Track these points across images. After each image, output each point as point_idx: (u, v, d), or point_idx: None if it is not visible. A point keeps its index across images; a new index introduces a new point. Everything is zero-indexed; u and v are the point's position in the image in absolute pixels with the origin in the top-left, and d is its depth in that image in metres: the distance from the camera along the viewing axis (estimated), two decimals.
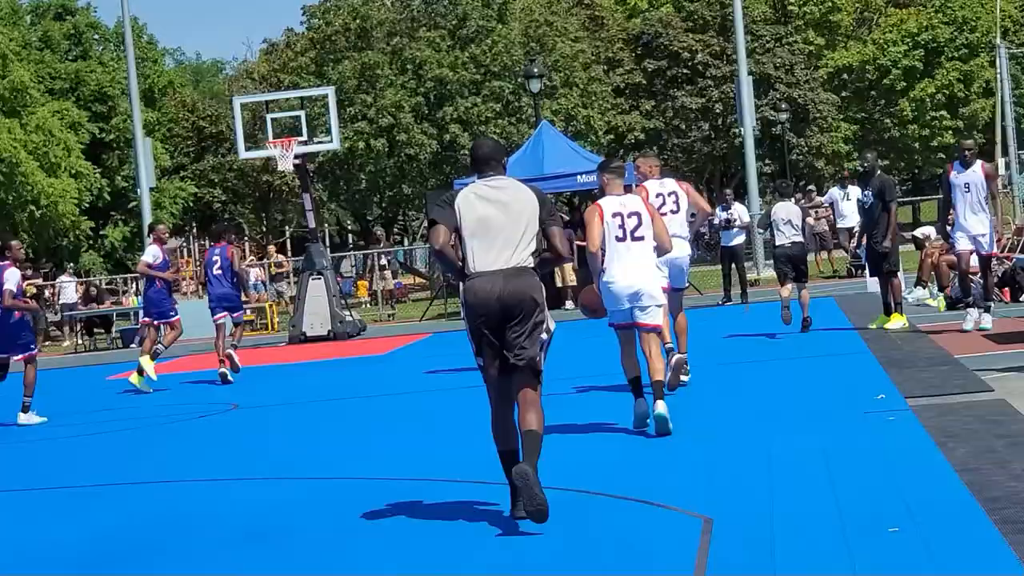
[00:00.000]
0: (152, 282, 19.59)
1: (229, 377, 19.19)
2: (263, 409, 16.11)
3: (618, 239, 11.44)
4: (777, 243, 19.51)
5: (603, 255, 11.48)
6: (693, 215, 13.90)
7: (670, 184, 13.65)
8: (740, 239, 27.17)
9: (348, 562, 7.63)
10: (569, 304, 27.75)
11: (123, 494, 10.90)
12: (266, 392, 17.85)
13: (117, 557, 8.36)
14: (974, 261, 17.20)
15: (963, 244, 16.78)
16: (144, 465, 12.52)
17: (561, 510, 8.42)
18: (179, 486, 11.03)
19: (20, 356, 16.65)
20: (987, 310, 16.92)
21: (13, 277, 16.55)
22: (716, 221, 27.82)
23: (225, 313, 19.80)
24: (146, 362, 19.08)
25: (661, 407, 11.01)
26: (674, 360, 13.11)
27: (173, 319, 19.71)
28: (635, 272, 11.48)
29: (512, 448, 8.49)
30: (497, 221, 8.40)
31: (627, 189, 12.82)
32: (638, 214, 11.47)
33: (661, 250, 11.59)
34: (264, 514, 9.25)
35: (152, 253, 19.69)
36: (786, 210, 19.54)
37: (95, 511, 10.20)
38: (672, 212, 13.36)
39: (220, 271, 19.82)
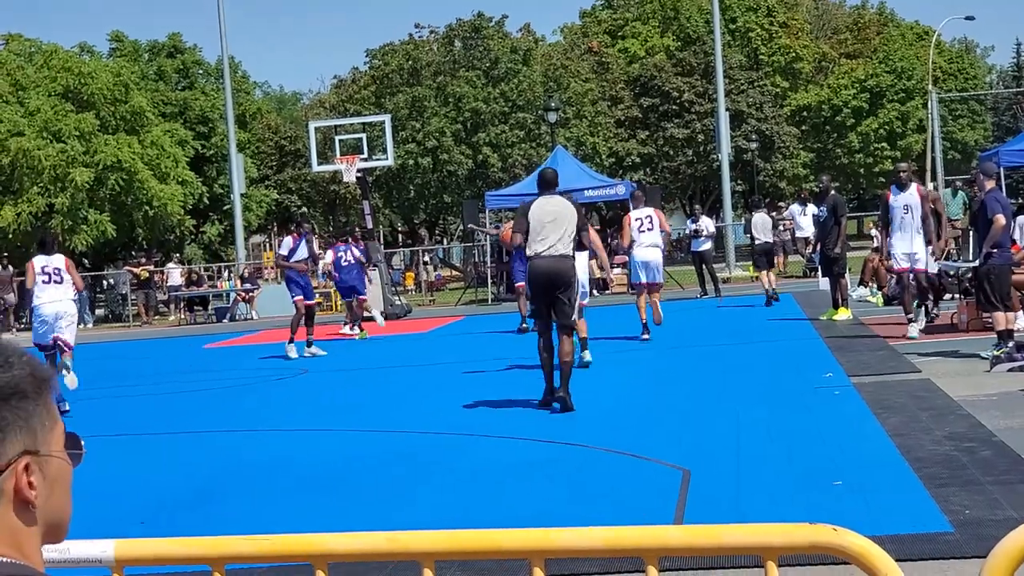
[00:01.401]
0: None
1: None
2: (329, 374, 16.13)
3: (639, 231, 16.91)
4: (757, 242, 23.01)
5: (632, 243, 16.94)
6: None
7: (648, 210, 17.38)
8: (707, 245, 27.00)
9: (368, 505, 7.62)
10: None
11: (214, 440, 10.94)
12: (331, 361, 17.88)
13: (203, 489, 8.38)
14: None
15: (902, 263, 14.80)
16: (232, 416, 12.55)
17: (558, 462, 8.41)
18: (260, 434, 11.05)
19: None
20: (916, 319, 15.01)
21: (286, 244, 18.12)
22: (687, 231, 27.97)
23: (353, 298, 21.29)
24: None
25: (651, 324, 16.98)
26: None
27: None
28: (650, 251, 17.03)
29: (549, 362, 10.97)
30: (551, 224, 10.85)
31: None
32: (650, 218, 17.13)
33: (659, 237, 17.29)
34: (324, 460, 9.26)
35: (286, 245, 18.69)
36: (761, 219, 23.35)
37: (192, 453, 10.23)
38: (648, 229, 17.09)
39: (347, 263, 20.54)
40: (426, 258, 43.62)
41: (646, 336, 16.75)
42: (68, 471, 1.67)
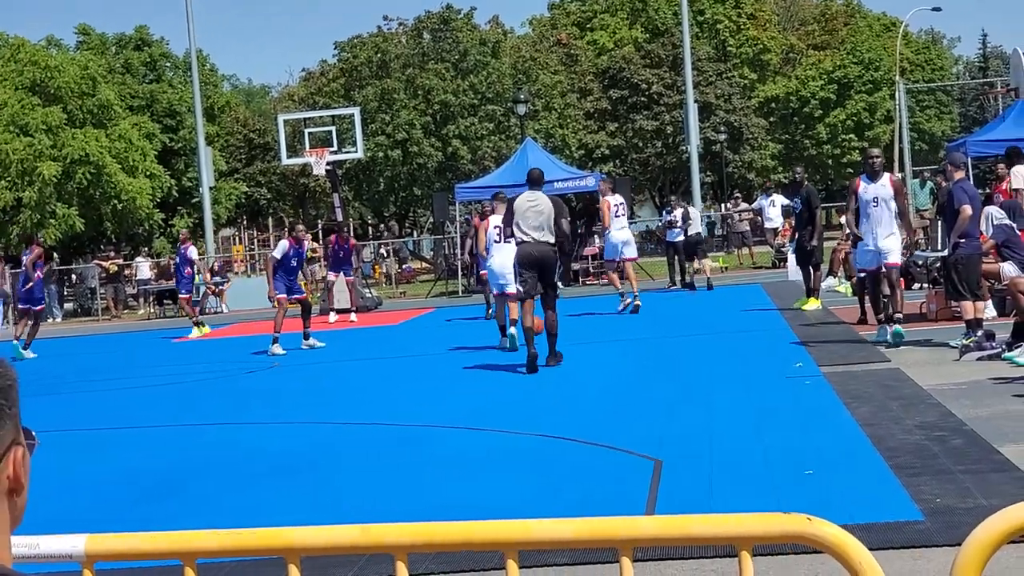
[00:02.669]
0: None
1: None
2: (300, 367, 16.06)
3: (615, 215, 20.18)
4: (691, 233, 25.52)
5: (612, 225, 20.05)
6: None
7: (620, 197, 21.00)
8: (682, 236, 27.01)
9: (341, 498, 7.60)
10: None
11: (184, 433, 10.87)
12: (303, 354, 17.75)
13: (174, 481, 8.33)
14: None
15: (869, 260, 13.25)
16: (202, 410, 12.49)
17: (530, 453, 8.39)
18: (231, 427, 10.99)
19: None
20: (897, 322, 13.05)
21: (281, 247, 17.87)
22: (661, 222, 28.12)
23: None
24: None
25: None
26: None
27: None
28: (624, 232, 20.57)
29: (532, 330, 12.85)
30: (534, 215, 12.84)
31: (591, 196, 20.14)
32: (623, 204, 20.75)
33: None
34: (296, 452, 9.22)
35: (281, 249, 18.14)
36: (694, 212, 26.57)
37: (162, 447, 10.17)
38: (622, 214, 20.62)
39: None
40: (382, 251, 43.61)
41: (628, 302, 19.49)
42: (30, 464, 1.67)
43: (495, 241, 15.61)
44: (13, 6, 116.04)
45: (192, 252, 23.10)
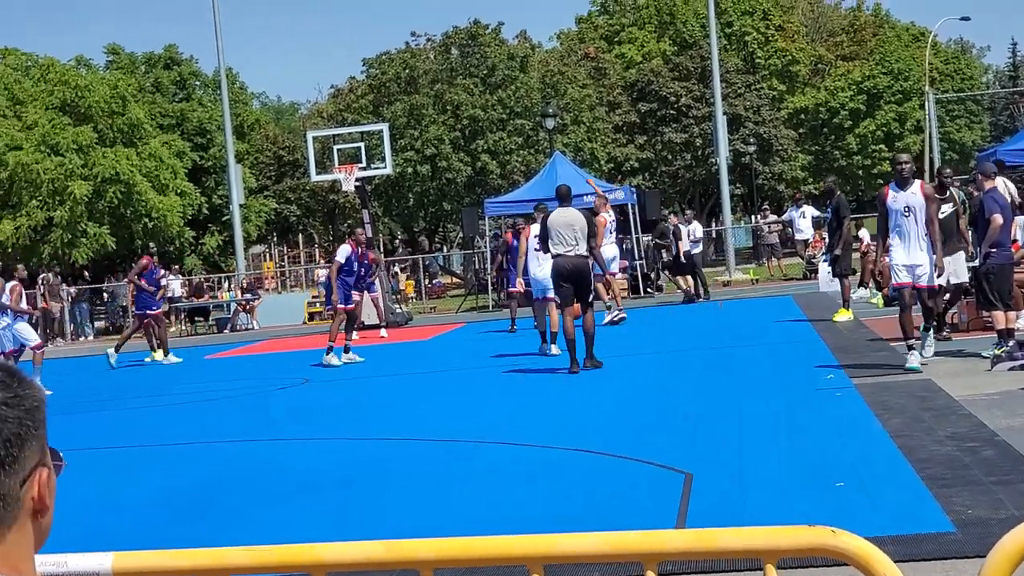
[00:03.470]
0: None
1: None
2: (330, 383, 16.08)
3: (609, 232, 20.87)
4: (685, 249, 25.67)
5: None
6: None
7: (612, 214, 22.38)
8: (696, 249, 27.03)
9: (368, 513, 7.61)
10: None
11: (214, 450, 10.91)
12: (334, 369, 17.75)
13: (204, 500, 8.36)
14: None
15: (902, 277, 11.94)
16: (233, 426, 12.52)
17: (560, 467, 8.38)
18: (261, 444, 11.03)
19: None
20: (918, 348, 11.90)
21: (343, 252, 17.87)
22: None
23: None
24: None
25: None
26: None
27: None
28: (612, 248, 21.39)
29: (572, 337, 13.66)
30: (567, 230, 13.67)
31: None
32: (615, 221, 21.99)
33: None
34: (325, 469, 9.24)
35: (343, 253, 18.29)
36: (689, 229, 26.47)
37: (192, 464, 10.21)
38: (614, 230, 22.26)
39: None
40: (396, 269, 43.82)
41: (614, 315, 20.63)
42: (55, 485, 1.69)
43: (535, 249, 16.20)
44: (43, 27, 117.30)
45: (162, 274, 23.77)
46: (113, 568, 2.85)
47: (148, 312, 21.54)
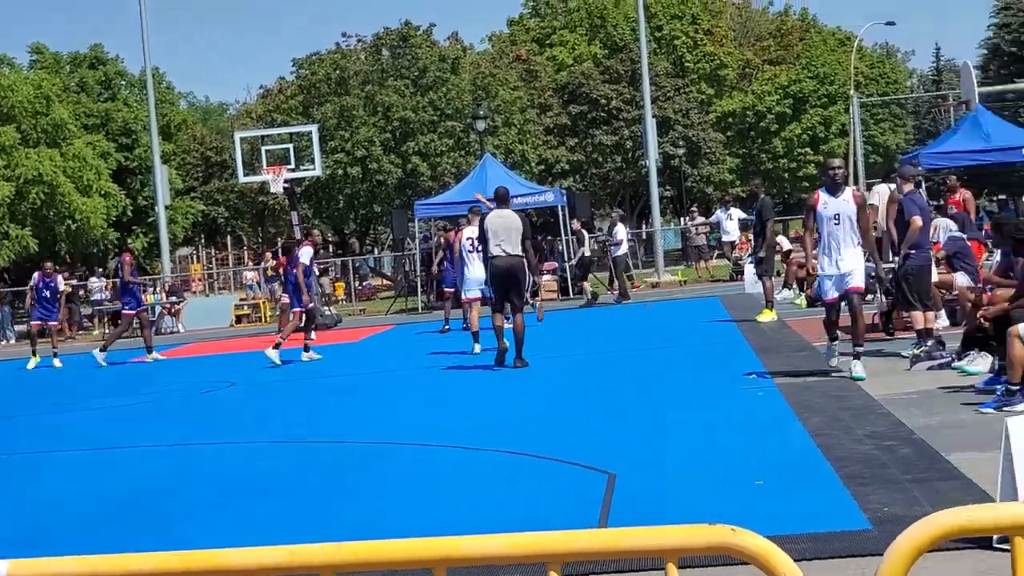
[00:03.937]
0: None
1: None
2: (257, 385, 15.93)
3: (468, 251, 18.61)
4: (587, 255, 26.61)
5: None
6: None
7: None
8: (620, 251, 27.22)
9: (311, 517, 7.54)
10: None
11: (131, 455, 10.75)
12: (260, 372, 17.59)
13: (120, 509, 8.24)
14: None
15: (831, 293, 11.45)
16: (159, 430, 12.34)
17: (484, 469, 8.36)
18: (180, 448, 10.87)
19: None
20: (856, 356, 11.28)
21: (307, 253, 18.24)
22: (605, 238, 28.57)
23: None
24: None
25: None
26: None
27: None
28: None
29: (501, 328, 14.10)
30: (504, 231, 13.92)
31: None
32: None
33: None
34: (247, 474, 9.14)
35: (307, 255, 18.55)
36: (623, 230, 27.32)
37: (105, 470, 10.04)
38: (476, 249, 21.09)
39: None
40: (316, 270, 43.75)
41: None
42: None
43: (468, 251, 17.05)
44: None
45: (61, 282, 23.91)
46: (8, 574, 2.79)
47: (138, 309, 21.92)
